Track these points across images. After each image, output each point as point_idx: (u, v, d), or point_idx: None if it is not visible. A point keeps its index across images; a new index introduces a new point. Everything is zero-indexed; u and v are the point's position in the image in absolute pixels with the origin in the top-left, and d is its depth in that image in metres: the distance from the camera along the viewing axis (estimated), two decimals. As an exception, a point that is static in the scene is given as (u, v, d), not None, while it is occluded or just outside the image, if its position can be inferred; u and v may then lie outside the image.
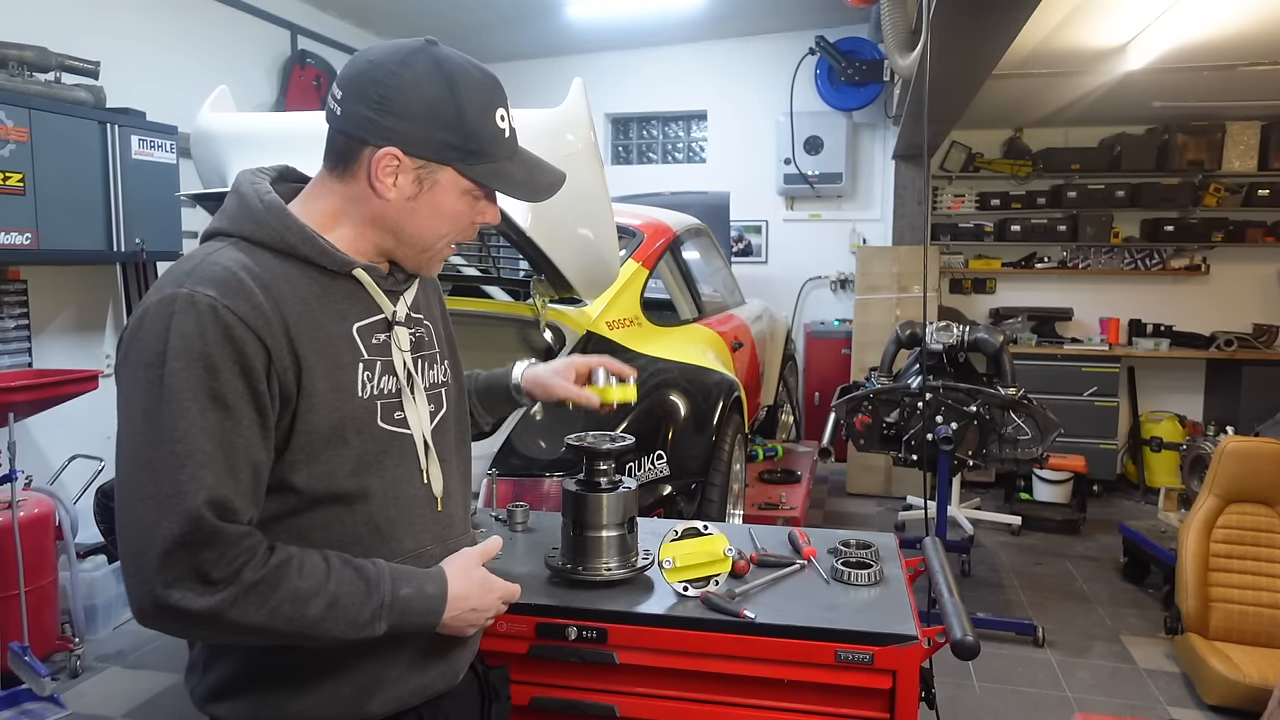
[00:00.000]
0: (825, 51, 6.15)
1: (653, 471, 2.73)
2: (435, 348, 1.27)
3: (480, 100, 1.09)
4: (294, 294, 1.06)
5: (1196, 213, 5.98)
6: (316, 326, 1.07)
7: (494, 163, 1.12)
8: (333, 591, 1.02)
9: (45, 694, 2.92)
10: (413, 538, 1.16)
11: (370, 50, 1.10)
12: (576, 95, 2.35)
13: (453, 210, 1.13)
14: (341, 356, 1.09)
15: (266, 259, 1.07)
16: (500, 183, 1.14)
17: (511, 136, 1.15)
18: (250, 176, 1.14)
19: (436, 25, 5.97)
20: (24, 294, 3.66)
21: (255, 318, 1.00)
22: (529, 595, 1.57)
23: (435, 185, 1.10)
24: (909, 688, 1.42)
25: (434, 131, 1.07)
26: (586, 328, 2.89)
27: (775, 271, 6.70)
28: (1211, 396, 6.19)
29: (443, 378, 1.27)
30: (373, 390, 1.12)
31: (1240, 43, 3.95)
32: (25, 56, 3.40)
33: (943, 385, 3.86)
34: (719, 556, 1.60)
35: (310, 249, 1.08)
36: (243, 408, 0.99)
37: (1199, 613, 3.27)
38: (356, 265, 1.12)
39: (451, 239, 1.17)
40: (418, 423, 1.17)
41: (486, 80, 1.12)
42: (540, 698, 1.55)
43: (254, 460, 1.00)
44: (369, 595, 1.04)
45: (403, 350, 1.17)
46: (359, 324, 1.12)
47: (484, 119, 1.10)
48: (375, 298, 1.14)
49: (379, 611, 1.05)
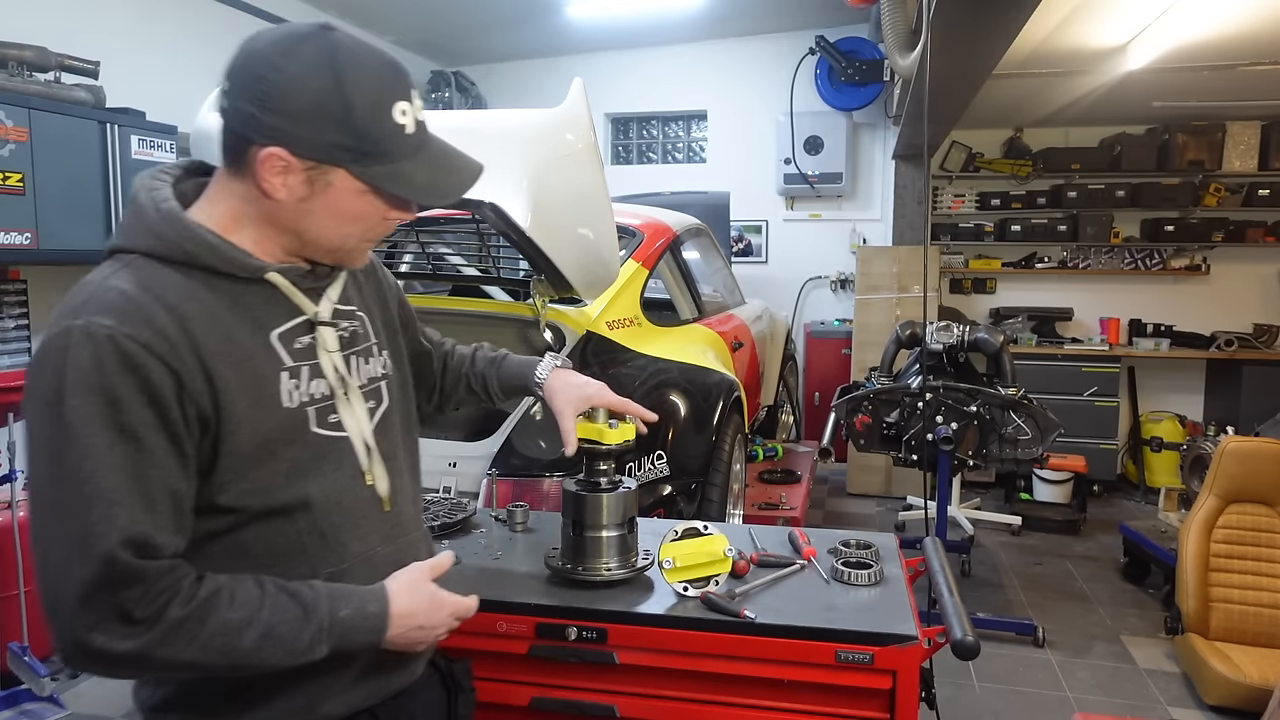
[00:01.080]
0: (825, 51, 6.15)
1: (653, 471, 2.73)
2: (371, 339, 1.21)
3: (373, 94, 1.00)
4: (202, 310, 1.00)
5: (1197, 213, 5.98)
6: (230, 341, 1.01)
7: (390, 163, 1.02)
8: (266, 620, 0.99)
9: (45, 694, 2.92)
10: (360, 540, 1.13)
11: (259, 36, 1.01)
12: (576, 95, 2.35)
13: (354, 211, 1.05)
14: (261, 368, 1.04)
15: (169, 274, 1.00)
16: (396, 185, 1.04)
17: (417, 132, 1.05)
18: (149, 182, 1.06)
19: (436, 25, 5.97)
20: (24, 294, 3.66)
21: (158, 343, 0.94)
22: (529, 595, 1.57)
23: (328, 187, 1.02)
24: (909, 688, 1.42)
25: (320, 131, 0.98)
26: (586, 328, 2.89)
27: (775, 271, 6.70)
28: (1212, 396, 6.19)
29: (381, 370, 1.22)
30: (301, 398, 1.07)
31: (1240, 43, 3.95)
32: (25, 56, 3.40)
33: (943, 385, 3.86)
34: (719, 556, 1.60)
35: (214, 259, 1.01)
36: (153, 438, 0.94)
37: (1199, 613, 3.27)
38: (269, 269, 1.05)
39: (362, 237, 1.09)
40: (355, 425, 1.13)
41: (383, 70, 1.02)
42: (540, 698, 1.54)
43: (173, 489, 0.96)
44: (306, 620, 1.01)
45: (330, 351, 1.11)
46: (278, 330, 1.07)
47: (377, 115, 1.00)
48: (294, 300, 1.08)
49: (318, 636, 1.02)
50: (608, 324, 2.99)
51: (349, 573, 1.12)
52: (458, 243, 3.28)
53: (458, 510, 1.98)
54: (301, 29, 1.00)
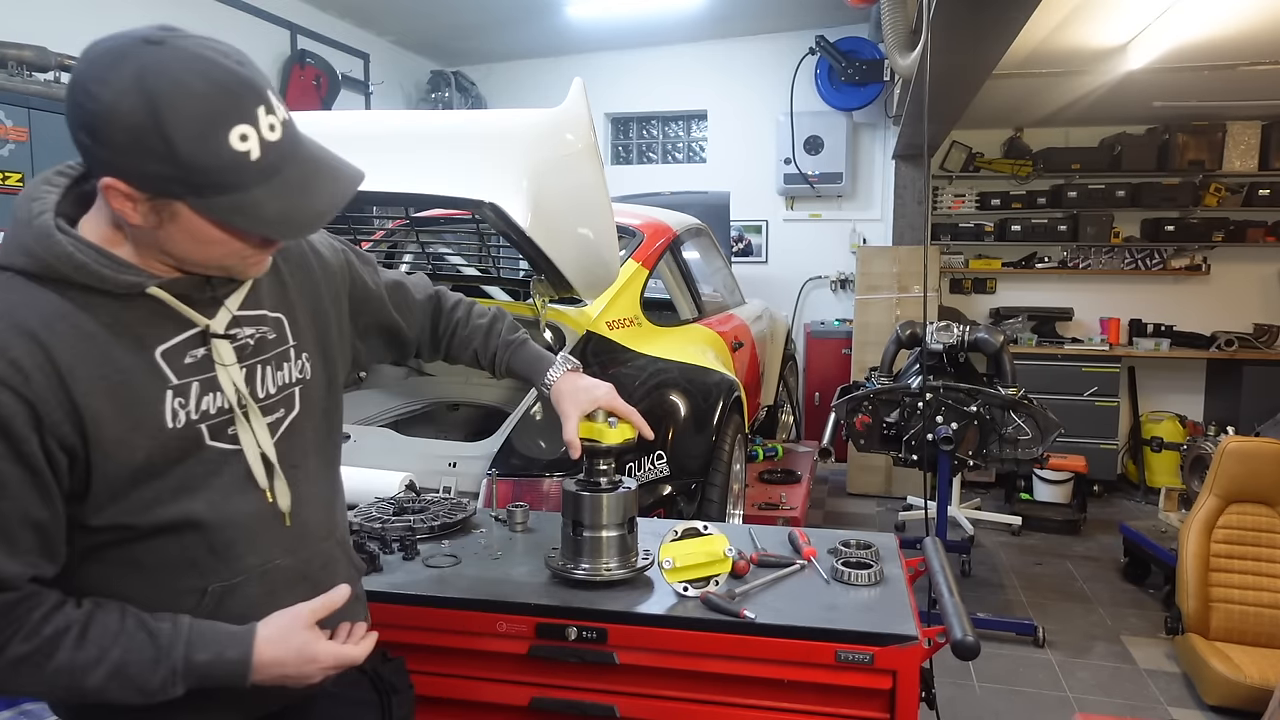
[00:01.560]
0: (825, 51, 6.15)
1: (653, 471, 2.73)
2: (288, 342, 1.15)
3: (197, 124, 0.88)
4: (73, 333, 0.94)
5: (1197, 213, 5.98)
6: (105, 363, 0.96)
7: (233, 194, 0.92)
8: (117, 660, 0.96)
9: (45, 694, 2.92)
10: (256, 554, 1.09)
11: (89, 51, 0.92)
12: (576, 95, 2.35)
13: (214, 237, 0.95)
14: (142, 391, 0.98)
15: (42, 295, 0.95)
16: (242, 219, 0.94)
17: (265, 156, 0.92)
18: (36, 188, 0.99)
19: (435, 25, 5.97)
20: (24, 294, 3.66)
21: (11, 375, 0.90)
22: (529, 595, 1.57)
23: (175, 216, 0.93)
24: (909, 688, 1.42)
25: (144, 164, 0.89)
26: (586, 328, 2.89)
27: (775, 271, 6.70)
28: (1212, 396, 6.18)
29: (296, 375, 1.15)
30: (189, 416, 1.02)
31: (1240, 43, 3.95)
32: (24, 56, 3.40)
33: (943, 385, 3.86)
34: (719, 556, 1.60)
35: (85, 277, 0.95)
36: (7, 469, 0.91)
37: (1199, 613, 3.27)
38: (149, 284, 0.98)
39: (240, 256, 1.00)
40: (251, 441, 1.07)
41: (212, 92, 0.89)
42: (540, 698, 1.54)
43: (31, 519, 0.93)
44: (157, 663, 0.97)
45: (226, 365, 1.05)
46: (163, 347, 1.00)
47: (207, 145, 0.89)
48: (182, 313, 1.01)
49: (170, 679, 0.98)
50: (608, 324, 2.99)
51: (243, 586, 1.08)
52: (458, 243, 3.28)
53: (458, 510, 1.98)
54: (124, 43, 0.90)
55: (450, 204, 2.32)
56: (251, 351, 1.09)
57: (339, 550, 1.24)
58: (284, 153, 0.95)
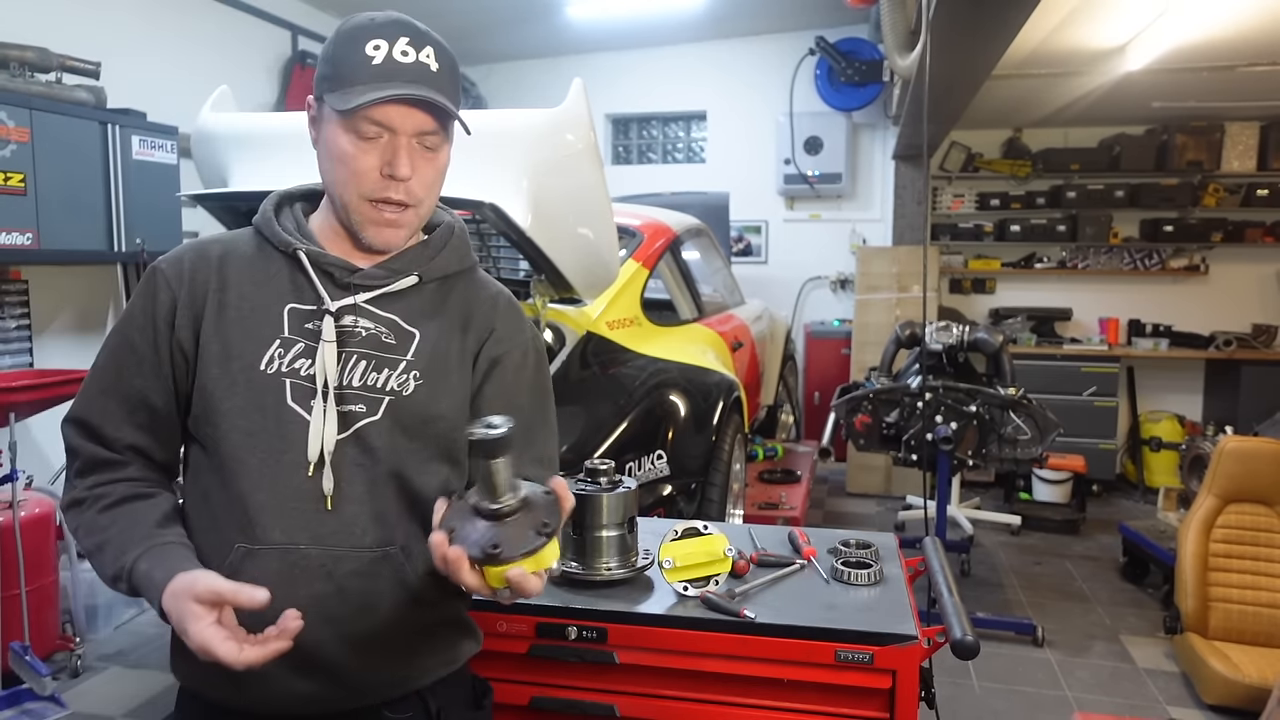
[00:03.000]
0: (825, 52, 6.15)
1: (653, 471, 2.73)
2: (403, 356, 1.16)
3: (356, 32, 1.10)
4: (245, 268, 1.16)
5: (1196, 213, 5.98)
6: (250, 298, 1.15)
7: (348, 87, 1.08)
8: (103, 539, 1.09)
9: (46, 693, 2.92)
10: (283, 531, 1.10)
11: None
12: (576, 95, 2.35)
13: (340, 151, 1.11)
14: (258, 330, 1.13)
15: (249, 239, 1.20)
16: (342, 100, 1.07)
17: (384, 65, 1.07)
18: (278, 190, 1.27)
19: (436, 25, 5.91)
20: (25, 294, 3.66)
21: (174, 275, 1.14)
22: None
23: (323, 123, 1.14)
24: (909, 687, 1.42)
25: (320, 68, 1.13)
26: (586, 328, 2.89)
27: (775, 271, 6.70)
28: (1211, 396, 6.19)
29: (393, 385, 1.15)
30: (280, 367, 1.12)
31: (1240, 43, 3.96)
32: (26, 57, 3.41)
33: (942, 385, 3.87)
34: (719, 556, 1.60)
35: (269, 233, 1.18)
36: (141, 345, 1.13)
37: (1198, 612, 3.27)
38: (299, 247, 1.16)
39: (360, 189, 1.11)
40: (319, 418, 1.11)
41: (380, 18, 1.11)
42: (540, 698, 1.55)
43: (144, 395, 1.13)
44: (120, 555, 1.07)
45: (326, 342, 1.13)
46: (291, 305, 1.15)
47: (349, 46, 1.09)
48: (314, 282, 1.15)
49: (121, 573, 1.06)
50: (608, 324, 3.00)
51: (263, 556, 1.09)
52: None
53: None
54: None
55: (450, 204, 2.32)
56: (357, 342, 1.16)
57: (388, 569, 1.15)
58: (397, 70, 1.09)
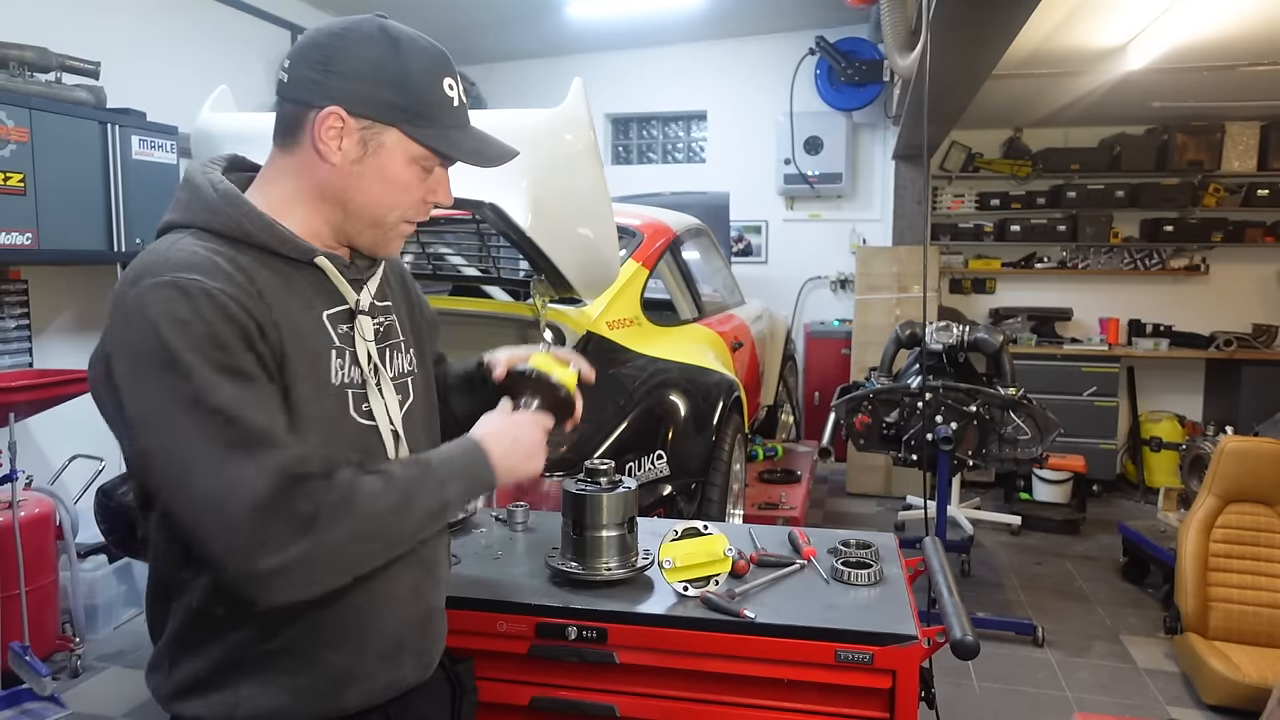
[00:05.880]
0: (825, 51, 6.15)
1: (653, 471, 2.73)
2: (400, 336, 1.23)
3: (426, 64, 1.08)
4: (269, 278, 1.03)
5: (1196, 213, 5.98)
6: (288, 310, 1.04)
7: (441, 128, 1.09)
8: (401, 487, 1.04)
9: (46, 694, 2.92)
10: None
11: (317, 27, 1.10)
12: (576, 95, 2.35)
13: (400, 179, 1.09)
14: (312, 343, 1.06)
15: (224, 246, 1.02)
16: (448, 146, 1.10)
17: (461, 108, 1.12)
18: (200, 166, 1.11)
19: (435, 25, 5.96)
20: (25, 294, 3.66)
21: (242, 295, 0.98)
22: (529, 595, 1.58)
23: (380, 148, 1.06)
24: (909, 687, 1.42)
25: (378, 90, 1.04)
26: (586, 328, 2.89)
27: (775, 271, 6.70)
28: (1211, 396, 6.19)
29: (409, 366, 1.23)
30: (344, 378, 1.09)
31: (1240, 43, 3.96)
32: (26, 57, 3.40)
33: (943, 385, 3.86)
34: (719, 556, 1.60)
35: (269, 236, 1.05)
36: (259, 375, 0.98)
37: (1198, 612, 3.27)
38: (319, 253, 1.08)
39: (403, 213, 1.12)
40: (384, 414, 1.14)
41: (434, 49, 1.10)
42: (540, 698, 1.55)
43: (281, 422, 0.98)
44: (425, 478, 1.06)
45: (367, 340, 1.13)
46: (327, 312, 1.10)
47: (430, 83, 1.08)
48: (339, 287, 1.11)
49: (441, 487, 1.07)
50: (608, 324, 3.00)
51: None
52: (458, 243, 3.29)
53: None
54: (355, 17, 1.08)
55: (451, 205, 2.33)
56: (381, 335, 1.17)
57: (441, 542, 1.27)
58: (466, 113, 1.13)
